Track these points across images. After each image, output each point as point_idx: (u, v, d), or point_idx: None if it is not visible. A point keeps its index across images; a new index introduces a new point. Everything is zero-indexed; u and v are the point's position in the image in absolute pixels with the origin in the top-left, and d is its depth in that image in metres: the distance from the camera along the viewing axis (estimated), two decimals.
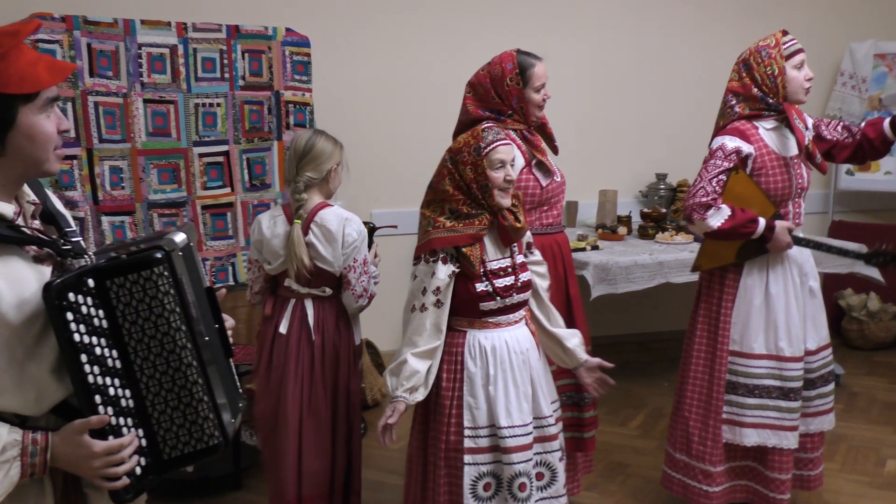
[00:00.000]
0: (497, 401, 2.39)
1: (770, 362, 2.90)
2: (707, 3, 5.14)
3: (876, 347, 5.23)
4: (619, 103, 4.98)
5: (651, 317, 5.10)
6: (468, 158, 2.38)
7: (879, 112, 5.25)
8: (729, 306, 2.94)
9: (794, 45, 2.84)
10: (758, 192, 2.83)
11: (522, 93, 2.85)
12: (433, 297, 2.36)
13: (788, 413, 2.90)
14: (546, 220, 2.95)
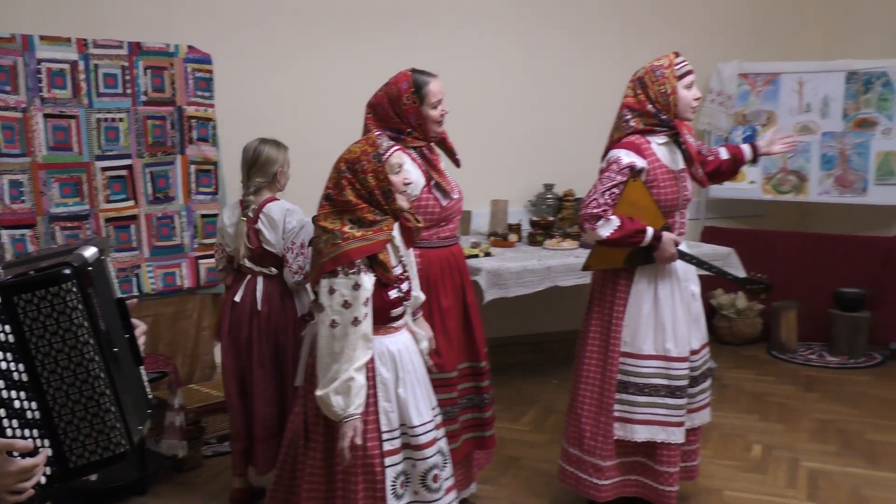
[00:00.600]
0: (407, 402, 2.49)
1: (658, 362, 3.02)
2: (589, 27, 5.45)
3: (743, 343, 5.63)
4: (508, 119, 5.22)
5: (541, 318, 5.37)
6: (368, 166, 2.42)
7: (744, 127, 5.70)
8: (620, 310, 3.06)
9: (684, 66, 2.98)
10: (651, 202, 2.96)
11: (420, 110, 2.90)
12: (364, 310, 2.37)
13: (675, 410, 3.03)
14: (443, 233, 3.02)
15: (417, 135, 2.96)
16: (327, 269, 2.38)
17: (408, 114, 2.92)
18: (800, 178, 5.61)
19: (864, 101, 5.37)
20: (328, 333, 2.37)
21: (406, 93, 2.91)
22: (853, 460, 3.80)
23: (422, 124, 2.94)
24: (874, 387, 4.83)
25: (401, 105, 2.91)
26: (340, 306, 2.35)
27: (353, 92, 4.77)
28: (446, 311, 3.01)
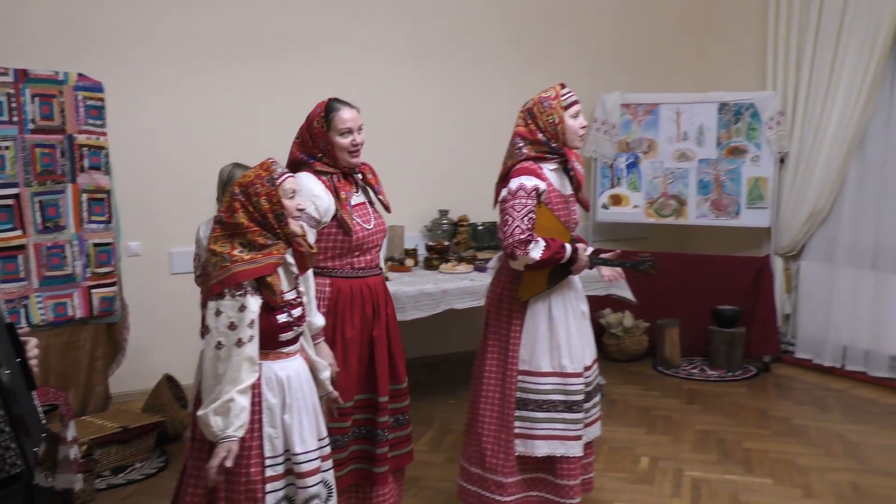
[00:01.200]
0: (292, 428, 2.49)
1: (555, 379, 3.12)
2: (481, 57, 5.63)
3: (631, 359, 5.88)
4: (403, 145, 5.33)
5: (437, 340, 5.48)
6: (262, 189, 2.44)
7: (627, 154, 5.99)
8: (518, 330, 3.15)
9: (570, 97, 3.13)
10: (556, 221, 3.10)
11: (327, 136, 2.93)
12: (249, 332, 2.38)
13: (573, 424, 3.14)
14: (358, 264, 3.03)
15: (327, 161, 2.98)
16: (215, 292, 2.39)
17: (317, 138, 2.96)
18: (679, 203, 5.92)
19: (735, 131, 5.74)
20: (213, 355, 2.37)
21: (317, 117, 2.96)
22: (731, 468, 4.03)
23: (330, 150, 2.97)
24: (749, 398, 5.13)
25: (312, 129, 2.96)
26: (226, 328, 2.36)
27: (249, 119, 4.84)
28: (349, 341, 3.02)
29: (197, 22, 4.68)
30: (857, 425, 4.63)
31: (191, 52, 4.68)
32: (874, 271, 5.37)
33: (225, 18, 4.76)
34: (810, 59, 5.55)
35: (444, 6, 5.46)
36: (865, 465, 4.07)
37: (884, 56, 5.19)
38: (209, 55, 4.73)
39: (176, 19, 4.63)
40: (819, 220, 5.64)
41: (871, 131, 5.36)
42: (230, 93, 4.80)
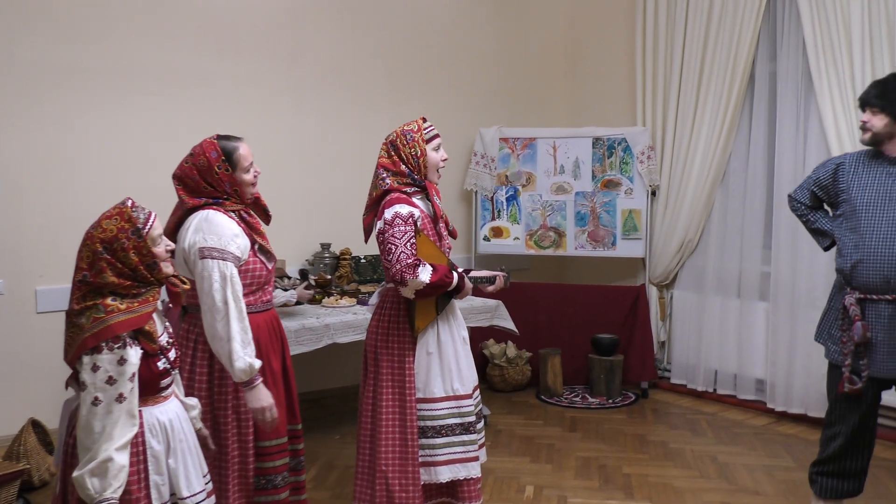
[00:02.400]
0: (178, 473, 2.43)
1: (450, 402, 3.20)
2: (360, 93, 5.65)
3: (514, 389, 5.96)
4: (283, 179, 5.27)
5: (319, 375, 5.41)
6: (128, 243, 2.34)
7: (507, 187, 6.11)
8: (411, 360, 3.18)
9: (432, 130, 3.23)
10: (436, 249, 3.16)
11: (234, 177, 2.90)
12: (129, 385, 2.28)
13: (470, 445, 3.22)
14: (265, 297, 3.04)
15: (234, 199, 2.95)
16: (90, 345, 2.26)
17: (222, 182, 2.90)
18: (558, 234, 6.07)
19: (609, 164, 5.96)
20: (89, 411, 2.24)
21: (217, 162, 2.88)
22: (612, 493, 4.12)
23: (237, 190, 2.94)
24: (628, 424, 5.27)
25: (213, 175, 2.88)
26: (104, 383, 2.25)
27: (118, 154, 4.69)
28: (277, 374, 3.03)
29: (60, 51, 4.52)
30: (728, 447, 4.82)
31: (57, 85, 4.50)
32: (739, 299, 5.64)
33: (94, 49, 4.61)
34: (676, 99, 5.84)
35: (321, 41, 5.47)
36: (735, 485, 4.24)
37: (740, 98, 5.51)
38: (79, 88, 4.56)
39: (34, 48, 4.44)
40: (689, 251, 5.90)
41: (732, 166, 5.66)
42: (103, 125, 4.64)
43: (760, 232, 5.54)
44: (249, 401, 2.82)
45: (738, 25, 5.43)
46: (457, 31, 6.13)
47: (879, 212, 3.32)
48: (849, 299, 3.36)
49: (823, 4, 4.94)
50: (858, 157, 3.49)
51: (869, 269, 3.31)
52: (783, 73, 5.31)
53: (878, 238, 3.30)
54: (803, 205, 3.66)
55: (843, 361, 3.36)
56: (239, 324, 2.75)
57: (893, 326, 3.29)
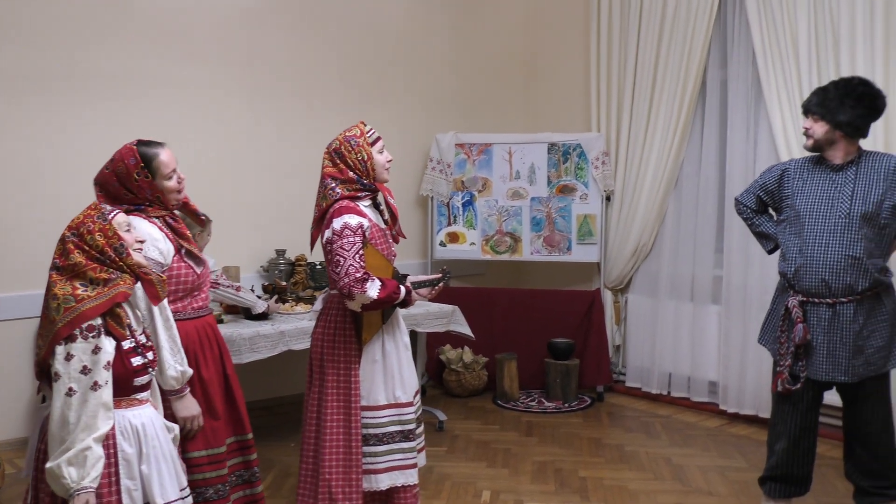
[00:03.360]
0: (151, 479, 2.39)
1: (392, 410, 3.21)
2: (316, 99, 5.62)
3: (471, 394, 5.96)
4: (237, 184, 5.24)
5: (274, 382, 5.37)
6: (94, 226, 2.37)
7: (463, 192, 6.13)
8: (356, 367, 3.17)
9: (374, 133, 3.23)
10: (383, 260, 3.17)
11: (154, 184, 2.85)
12: (105, 374, 2.28)
13: (409, 452, 3.24)
14: (196, 304, 3.01)
15: (158, 206, 2.91)
16: (63, 335, 2.26)
17: (142, 189, 2.85)
18: (514, 239, 6.10)
19: (564, 170, 6.00)
20: (63, 403, 2.23)
21: (135, 169, 2.82)
22: (568, 497, 4.14)
23: (159, 196, 2.90)
24: (584, 427, 5.31)
25: (132, 182, 2.83)
26: (79, 372, 2.25)
27: (71, 159, 4.61)
28: (208, 382, 2.99)
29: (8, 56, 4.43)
30: (682, 448, 4.88)
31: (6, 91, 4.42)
32: (692, 302, 5.72)
33: (47, 54, 4.53)
34: (630, 105, 5.91)
35: (277, 46, 5.44)
36: (689, 486, 4.29)
37: (692, 105, 5.59)
38: (29, 93, 4.48)
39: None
40: (643, 255, 5.96)
41: (685, 171, 5.74)
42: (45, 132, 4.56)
43: (713, 236, 5.62)
44: (179, 409, 2.79)
45: (689, 33, 5.51)
46: (413, 37, 6.14)
47: (821, 217, 3.39)
48: (791, 301, 3.43)
49: (772, 14, 5.04)
50: (803, 164, 3.56)
51: (810, 274, 3.38)
52: (734, 81, 5.40)
53: (819, 243, 3.37)
54: (749, 209, 3.73)
55: (781, 362, 3.44)
56: (166, 332, 2.70)
57: (832, 329, 3.37)
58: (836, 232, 3.35)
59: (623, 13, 5.94)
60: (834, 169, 3.44)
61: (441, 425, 5.24)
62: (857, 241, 3.32)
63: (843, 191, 3.38)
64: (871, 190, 3.35)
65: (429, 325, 4.93)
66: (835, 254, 3.33)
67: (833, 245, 3.34)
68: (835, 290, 3.34)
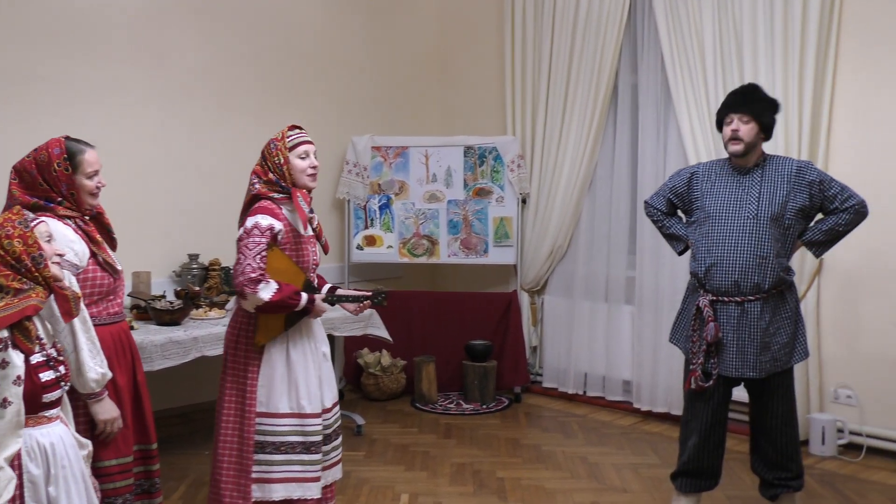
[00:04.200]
0: (59, 501, 2.31)
1: (293, 420, 3.17)
2: (229, 100, 5.52)
3: (389, 397, 5.94)
4: (146, 188, 5.09)
5: (188, 389, 5.23)
6: (14, 231, 2.29)
7: (380, 195, 6.11)
8: (255, 371, 3.16)
9: (296, 138, 3.21)
10: (290, 265, 3.14)
11: (72, 179, 2.81)
12: (14, 389, 2.19)
13: (311, 465, 3.19)
14: (112, 309, 2.95)
15: (70, 205, 2.83)
16: None
17: (58, 181, 2.79)
18: (431, 242, 6.11)
19: (481, 173, 6.05)
20: None
21: (57, 159, 2.78)
22: (487, 498, 4.17)
23: (74, 194, 2.83)
24: (502, 428, 5.35)
25: (51, 172, 2.78)
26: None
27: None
28: (121, 389, 2.92)
29: None
30: (597, 447, 4.97)
31: None
32: (606, 303, 5.83)
33: None
34: (544, 109, 5.99)
35: (187, 47, 5.31)
36: (604, 484, 4.37)
37: (605, 109, 5.71)
38: None
39: None
40: (559, 257, 6.05)
41: (598, 174, 5.85)
42: None
43: (626, 238, 5.75)
44: (98, 413, 2.74)
45: (601, 39, 5.62)
46: (328, 39, 6.09)
47: (731, 219, 3.50)
48: (703, 301, 3.53)
49: (679, 21, 5.19)
50: (711, 167, 3.68)
51: (721, 273, 3.49)
52: (644, 86, 5.54)
53: (729, 244, 3.48)
54: (659, 211, 3.82)
55: (694, 360, 3.53)
56: (84, 334, 2.64)
57: (741, 327, 3.48)
58: (745, 233, 3.46)
59: (536, 18, 6.02)
60: (741, 172, 3.56)
61: (359, 429, 5.21)
62: (765, 241, 3.45)
63: (750, 193, 3.50)
64: (777, 192, 3.48)
65: (346, 329, 4.90)
66: (744, 254, 3.45)
67: (742, 245, 3.45)
68: (744, 288, 3.46)
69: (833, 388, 4.86)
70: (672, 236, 3.81)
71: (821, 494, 4.19)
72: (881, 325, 4.68)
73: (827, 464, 4.65)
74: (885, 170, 4.61)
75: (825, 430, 4.75)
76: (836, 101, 4.78)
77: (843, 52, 4.75)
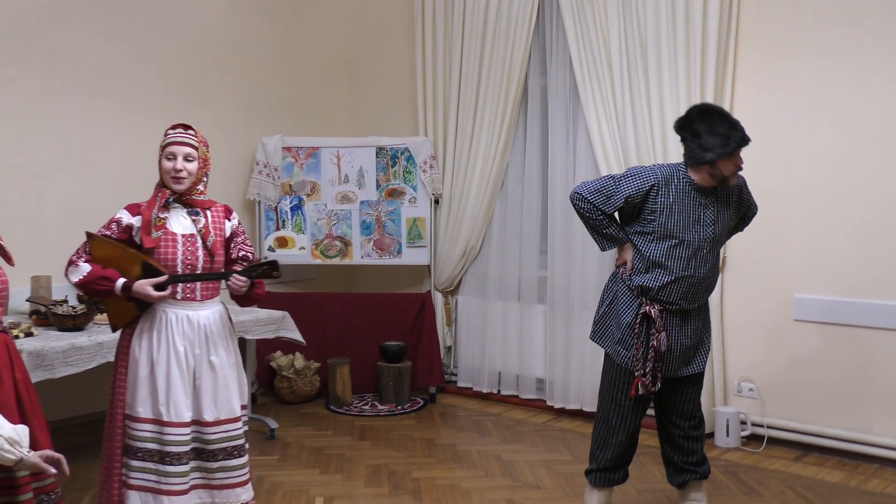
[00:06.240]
0: None
1: (151, 426, 3.11)
2: (130, 100, 5.37)
3: (303, 400, 5.88)
4: (46, 191, 4.92)
5: (93, 397, 5.07)
6: None
7: (291, 196, 6.04)
8: (123, 372, 3.17)
9: (169, 138, 3.17)
10: (120, 252, 3.13)
11: None
12: None
13: (167, 477, 3.10)
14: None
15: None
16: None
17: None
18: (344, 243, 6.07)
19: (393, 174, 6.04)
20: None
21: None
22: (402, 499, 4.17)
23: None
24: (417, 429, 5.35)
25: None
26: None
27: None
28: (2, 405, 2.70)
29: None
30: (511, 445, 5.02)
31: None
32: (519, 302, 5.90)
33: None
34: (456, 110, 6.02)
35: (84, 44, 5.14)
36: (518, 481, 4.42)
37: (515, 111, 5.77)
38: None
39: None
40: (472, 257, 6.09)
41: (509, 176, 5.91)
42: None
43: (538, 238, 5.82)
44: None
45: (510, 42, 5.69)
46: (235, 38, 5.99)
47: (691, 240, 3.50)
48: (653, 311, 3.54)
49: (586, 25, 5.29)
50: (669, 179, 3.52)
51: (676, 291, 3.53)
52: (553, 88, 5.63)
53: (689, 265, 3.51)
54: (598, 209, 3.56)
55: (639, 366, 3.58)
56: None
57: (684, 332, 3.62)
58: (702, 255, 3.54)
59: (447, 19, 6.05)
60: (700, 191, 3.52)
61: (273, 433, 5.13)
62: (716, 261, 3.61)
63: (706, 215, 3.53)
64: (728, 213, 3.61)
65: (258, 332, 4.83)
66: (700, 274, 3.55)
67: (699, 266, 3.54)
68: (692, 303, 3.59)
69: (737, 382, 5.04)
70: (608, 236, 3.63)
71: (725, 485, 4.34)
72: (781, 321, 4.88)
73: (731, 455, 4.82)
74: (781, 172, 4.81)
75: (729, 422, 4.92)
76: (735, 103, 4.95)
77: (741, 55, 4.94)
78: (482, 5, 5.82)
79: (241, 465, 3.25)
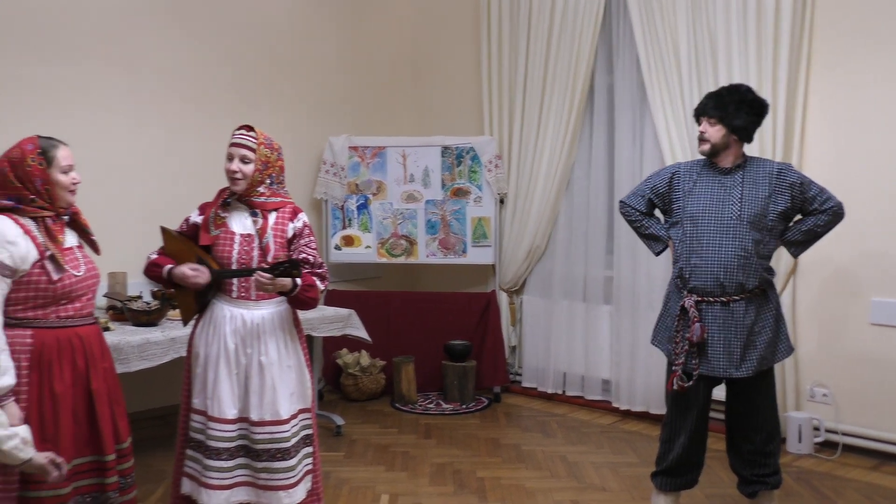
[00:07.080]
0: None
1: (202, 418, 3.19)
2: (205, 102, 5.49)
3: (369, 398, 5.93)
4: (124, 191, 5.06)
5: (166, 390, 5.19)
6: None
7: (357, 195, 6.10)
8: (187, 364, 3.31)
9: (231, 139, 3.21)
10: (183, 246, 3.27)
11: (47, 173, 2.78)
12: None
13: (207, 470, 3.14)
14: (63, 313, 2.82)
15: (42, 203, 2.79)
16: None
17: (32, 177, 2.76)
18: (410, 242, 6.10)
19: (458, 173, 6.05)
20: None
21: (31, 154, 2.77)
22: (467, 498, 4.17)
23: (49, 189, 2.80)
24: (481, 428, 5.35)
25: (24, 168, 2.75)
26: None
27: None
28: (60, 396, 2.78)
29: None
30: (576, 446, 4.99)
31: None
32: (585, 302, 5.85)
33: None
34: (521, 109, 6.00)
35: (161, 47, 5.27)
36: (584, 482, 4.38)
37: (581, 109, 5.73)
38: None
39: None
40: (537, 256, 6.06)
41: (575, 175, 5.87)
42: None
43: (603, 237, 5.77)
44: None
45: (576, 40, 5.64)
46: (302, 40, 6.07)
47: (713, 220, 3.51)
48: (688, 301, 3.53)
49: (654, 23, 5.22)
50: (692, 167, 3.68)
51: (705, 273, 3.50)
52: (620, 86, 5.56)
53: (713, 244, 3.49)
54: (637, 211, 3.81)
55: (676, 361, 3.54)
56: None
57: (727, 327, 3.50)
58: (727, 233, 3.48)
59: (513, 18, 6.03)
60: (722, 172, 3.57)
61: (339, 430, 5.19)
62: (748, 241, 3.48)
63: (732, 194, 3.51)
64: (758, 194, 3.51)
65: (325, 330, 4.88)
66: (728, 254, 3.47)
67: (726, 246, 3.47)
68: (728, 288, 3.48)
69: (809, 387, 4.92)
70: (651, 236, 3.80)
71: (797, 492, 4.23)
72: (855, 324, 4.73)
73: (803, 461, 4.70)
74: (858, 170, 4.67)
75: (801, 428, 4.80)
76: (809, 101, 4.83)
77: (815, 51, 4.80)
78: (548, 3, 5.79)
79: (286, 469, 3.18)
